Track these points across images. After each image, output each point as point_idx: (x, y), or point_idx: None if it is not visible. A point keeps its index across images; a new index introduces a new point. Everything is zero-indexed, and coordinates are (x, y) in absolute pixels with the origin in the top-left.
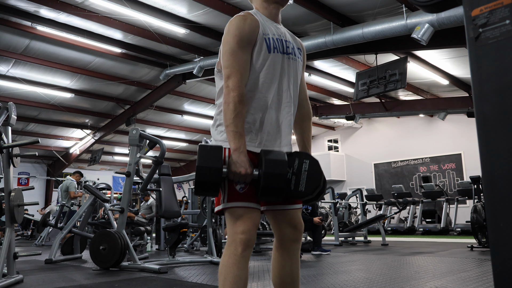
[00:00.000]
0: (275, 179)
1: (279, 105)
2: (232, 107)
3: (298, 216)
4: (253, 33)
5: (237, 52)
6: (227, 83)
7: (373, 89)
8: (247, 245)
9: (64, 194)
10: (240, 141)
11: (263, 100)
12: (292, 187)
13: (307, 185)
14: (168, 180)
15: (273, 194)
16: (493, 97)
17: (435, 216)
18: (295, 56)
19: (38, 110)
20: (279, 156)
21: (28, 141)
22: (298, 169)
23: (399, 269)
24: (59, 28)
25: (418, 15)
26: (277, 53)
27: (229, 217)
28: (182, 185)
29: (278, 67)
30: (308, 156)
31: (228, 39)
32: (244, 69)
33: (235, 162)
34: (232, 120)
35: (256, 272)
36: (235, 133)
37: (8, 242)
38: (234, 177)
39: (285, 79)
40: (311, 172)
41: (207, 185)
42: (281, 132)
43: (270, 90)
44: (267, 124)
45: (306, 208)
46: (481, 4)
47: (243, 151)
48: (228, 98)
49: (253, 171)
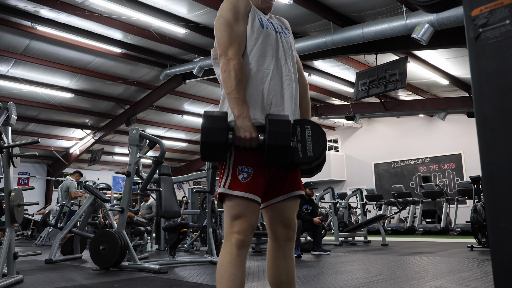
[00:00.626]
0: (280, 137)
1: (280, 78)
2: (234, 74)
3: (293, 214)
4: (246, 8)
5: (232, 24)
6: (226, 53)
7: (373, 89)
8: (242, 245)
9: (64, 194)
10: (243, 106)
11: (264, 73)
12: (300, 154)
13: (314, 149)
14: (168, 180)
15: (279, 155)
16: (493, 97)
17: (435, 216)
18: (286, 34)
19: (38, 110)
20: (282, 117)
21: (28, 141)
22: (302, 136)
23: (399, 269)
24: (59, 28)
25: (418, 15)
26: (270, 30)
27: (227, 213)
28: (182, 185)
29: (273, 41)
30: (308, 122)
31: (222, 13)
32: (241, 41)
33: (239, 127)
34: (234, 87)
35: (256, 272)
36: (237, 99)
37: (8, 242)
38: (240, 142)
39: (281, 53)
40: (314, 135)
41: (213, 146)
42: (284, 104)
43: (269, 63)
44: (269, 95)
45: (306, 208)
46: (481, 4)
47: (246, 116)
48: (229, 67)
49: (258, 135)
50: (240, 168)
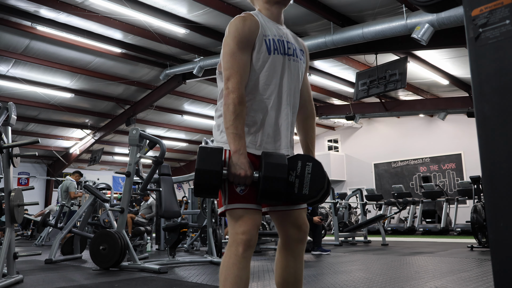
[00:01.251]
0: (274, 183)
1: (279, 107)
2: (232, 108)
3: (303, 216)
4: (252, 34)
5: (236, 54)
6: (227, 85)
7: (373, 89)
8: (248, 246)
9: (64, 194)
10: (240, 143)
11: (264, 102)
12: (295, 190)
13: (311, 188)
14: (168, 180)
15: (273, 198)
16: (493, 97)
17: (435, 216)
18: (296, 57)
19: (38, 110)
20: (279, 160)
21: (28, 141)
22: (301, 172)
23: (399, 269)
24: (59, 28)
25: (418, 15)
26: (277, 55)
27: (230, 218)
28: (182, 185)
29: (278, 68)
30: (310, 159)
31: (228, 41)
32: (244, 71)
33: (235, 164)
34: (232, 122)
35: (257, 272)
36: (235, 135)
37: (8, 242)
38: (234, 179)
39: (285, 81)
40: (314, 174)
41: (206, 187)
42: (280, 134)
43: (271, 92)
44: (267, 126)
45: (306, 208)
46: (481, 4)
47: (243, 153)
48: (228, 100)
49: (253, 173)
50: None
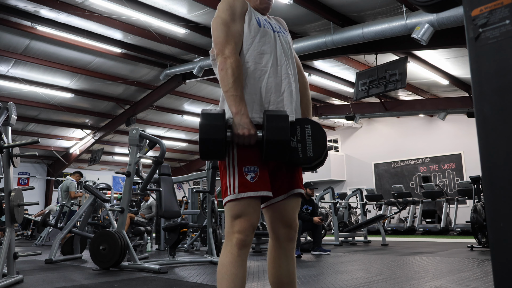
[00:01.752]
0: (279, 132)
1: (279, 76)
2: (231, 72)
3: (294, 214)
4: (243, 8)
5: (229, 23)
6: (223, 51)
7: (373, 89)
8: (243, 245)
9: (64, 194)
10: (240, 103)
11: (262, 71)
12: (300, 154)
13: (314, 149)
14: (168, 180)
15: (279, 149)
16: (493, 97)
17: (435, 216)
18: (283, 34)
19: (38, 110)
20: (280, 112)
21: (28, 141)
22: (302, 135)
23: (399, 269)
24: (59, 28)
25: (418, 15)
26: (267, 28)
27: (228, 215)
28: (182, 185)
29: (271, 40)
30: (308, 121)
31: (219, 14)
32: (238, 39)
33: (237, 125)
34: (231, 84)
35: (256, 272)
36: (235, 96)
37: (8, 242)
38: (238, 139)
39: (279, 52)
40: (315, 135)
41: (211, 143)
42: (283, 102)
43: (266, 60)
44: (267, 94)
45: (306, 208)
46: (481, 4)
47: (244, 113)
48: (226, 65)
49: (256, 132)
50: (247, 168)
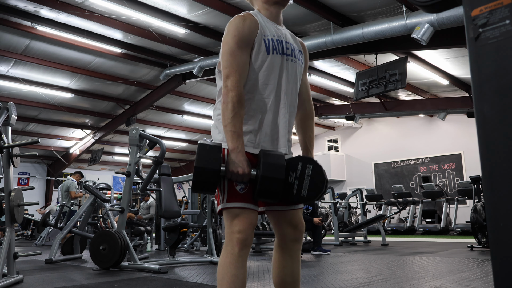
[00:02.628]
0: (272, 183)
1: (277, 107)
2: (231, 107)
3: (299, 215)
4: (252, 34)
5: (236, 53)
6: (226, 83)
7: (373, 89)
8: (244, 245)
9: (64, 194)
10: (238, 141)
11: (263, 102)
12: (294, 191)
13: (309, 190)
14: (168, 180)
15: (269, 197)
16: (493, 97)
17: (435, 216)
18: (295, 58)
19: (38, 110)
20: (277, 160)
21: (28, 141)
22: (301, 174)
23: (399, 269)
24: (59, 28)
25: (418, 15)
26: (276, 55)
27: (227, 217)
28: (182, 185)
29: (277, 68)
30: (311, 161)
31: (227, 40)
32: (243, 70)
33: (233, 162)
34: (230, 120)
35: (256, 272)
36: (233, 133)
37: (8, 242)
38: (232, 176)
39: (283, 81)
40: (314, 177)
41: (204, 184)
42: (278, 134)
43: (269, 91)
44: (265, 125)
45: (307, 208)
46: (481, 4)
47: (241, 151)
48: (227, 98)
49: (250, 171)
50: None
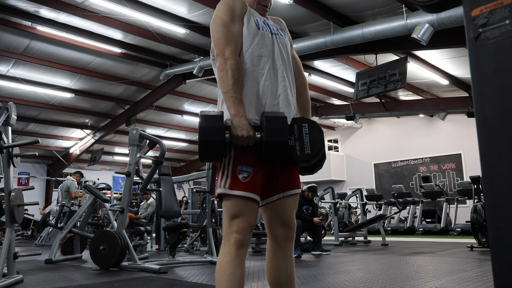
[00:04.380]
0: (277, 133)
1: (276, 79)
2: (231, 73)
3: (292, 213)
4: (242, 9)
5: (228, 24)
6: (223, 53)
7: (373, 89)
8: (241, 245)
9: (64, 194)
10: (239, 106)
11: (259, 73)
12: (298, 152)
13: (312, 146)
14: (168, 180)
15: (277, 150)
16: (493, 97)
17: (435, 216)
18: (281, 36)
19: (38, 110)
20: (278, 113)
21: (28, 141)
22: (299, 134)
23: (399, 269)
24: (59, 28)
25: (418, 15)
26: (265, 31)
27: (226, 212)
28: (182, 185)
29: (268, 43)
30: (305, 120)
31: (218, 14)
32: (237, 40)
33: (236, 126)
34: (231, 86)
35: (256, 272)
36: (234, 98)
37: (8, 242)
38: (237, 140)
39: (277, 55)
40: (312, 133)
41: (210, 155)
42: (279, 105)
43: (264, 63)
44: (263, 96)
45: (307, 209)
46: (481, 4)
47: (243, 115)
48: (225, 66)
49: (255, 133)
50: (240, 167)
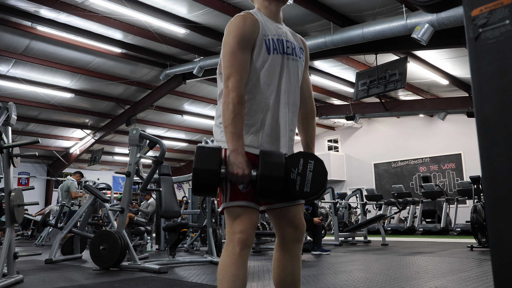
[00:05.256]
0: (271, 182)
1: (278, 106)
2: (232, 107)
3: (300, 215)
4: (253, 34)
5: (236, 53)
6: (227, 84)
7: (373, 89)
8: (245, 245)
9: (64, 194)
10: (238, 142)
11: (264, 102)
12: (297, 188)
13: (312, 185)
14: (168, 180)
15: (270, 196)
16: (493, 97)
17: (435, 216)
18: (296, 56)
19: (38, 110)
20: (276, 159)
21: (28, 141)
22: (303, 169)
23: (399, 269)
24: (59, 28)
25: (418, 15)
26: (276, 54)
27: (228, 216)
28: (182, 185)
29: (277, 68)
30: (313, 156)
31: (228, 40)
32: (244, 70)
33: (232, 163)
34: (231, 121)
35: (256, 272)
36: (233, 134)
37: (8, 242)
38: (232, 178)
39: (284, 80)
40: (316, 172)
41: (203, 186)
42: (279, 134)
43: (271, 91)
44: (266, 125)
45: (307, 209)
46: (481, 4)
47: (240, 152)
48: (228, 99)
49: (251, 172)
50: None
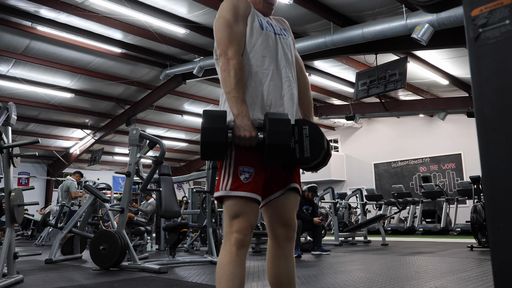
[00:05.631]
0: (280, 136)
1: (280, 79)
2: (233, 73)
3: (292, 214)
4: (246, 9)
5: (232, 24)
6: (226, 52)
7: (373, 89)
8: (242, 245)
9: (64, 194)
10: (242, 105)
11: (263, 73)
12: (297, 155)
13: (311, 149)
14: (168, 180)
15: (279, 153)
16: (493, 97)
17: (435, 216)
18: (284, 36)
19: (38, 110)
20: (282, 115)
21: (28, 141)
22: (299, 136)
23: (399, 269)
24: (59, 28)
25: (418, 15)
26: (269, 32)
27: (226, 211)
28: (182, 185)
29: (272, 43)
30: (306, 122)
31: (222, 14)
32: (240, 40)
33: (239, 126)
34: (233, 86)
35: (256, 272)
36: (236, 98)
37: (8, 242)
38: (239, 141)
39: (280, 55)
40: (312, 136)
41: (212, 146)
42: (283, 105)
43: (269, 63)
44: (268, 96)
45: (307, 209)
46: (481, 4)
47: (246, 115)
48: (228, 66)
49: (257, 134)
50: (242, 168)
